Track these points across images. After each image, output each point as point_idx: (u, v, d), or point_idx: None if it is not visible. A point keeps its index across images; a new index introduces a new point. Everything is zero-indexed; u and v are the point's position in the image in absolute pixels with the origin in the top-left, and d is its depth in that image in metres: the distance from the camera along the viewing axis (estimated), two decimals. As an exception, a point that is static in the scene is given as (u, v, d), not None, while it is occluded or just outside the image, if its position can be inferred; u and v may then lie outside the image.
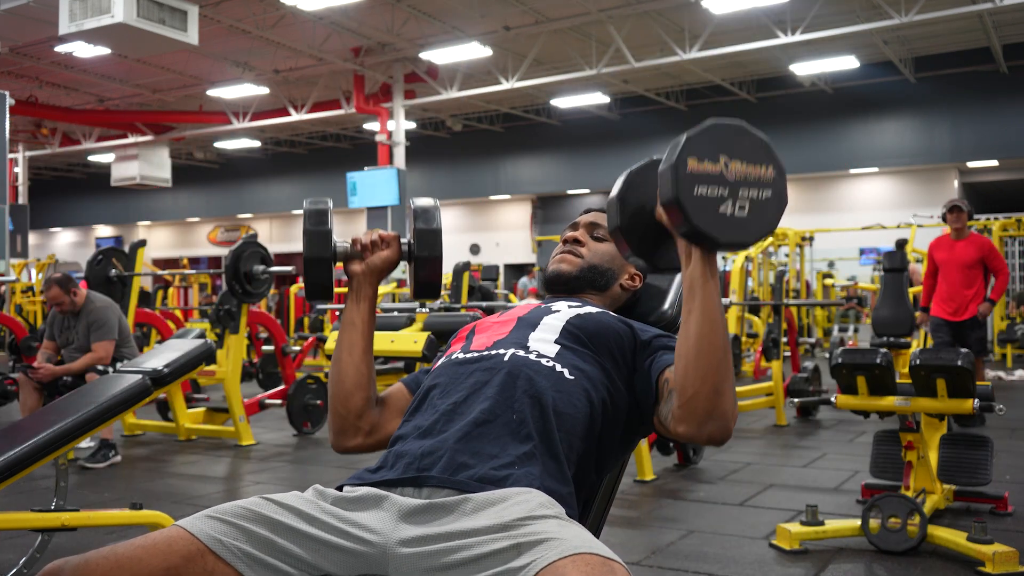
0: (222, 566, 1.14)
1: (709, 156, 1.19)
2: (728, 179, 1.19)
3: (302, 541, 1.18)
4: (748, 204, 1.19)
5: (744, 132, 1.22)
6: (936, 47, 14.54)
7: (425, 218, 1.49)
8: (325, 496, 1.25)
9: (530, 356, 1.39)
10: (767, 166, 1.21)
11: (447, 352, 1.53)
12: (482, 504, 1.17)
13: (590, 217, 1.71)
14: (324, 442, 5.80)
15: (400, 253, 1.53)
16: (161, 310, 11.15)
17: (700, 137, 1.20)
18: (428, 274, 1.49)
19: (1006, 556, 2.88)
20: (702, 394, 1.22)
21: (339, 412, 1.51)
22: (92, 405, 2.97)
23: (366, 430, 1.51)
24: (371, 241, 1.52)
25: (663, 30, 12.58)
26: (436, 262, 1.49)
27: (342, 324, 1.55)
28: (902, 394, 3.36)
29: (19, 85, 15.03)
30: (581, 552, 1.04)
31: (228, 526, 1.17)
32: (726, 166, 1.19)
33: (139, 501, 3.15)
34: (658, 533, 3.46)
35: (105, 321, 5.04)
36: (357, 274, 1.52)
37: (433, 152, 19.51)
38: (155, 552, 1.12)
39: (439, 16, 12.44)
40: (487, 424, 1.29)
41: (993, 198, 18.15)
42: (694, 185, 1.18)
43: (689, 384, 1.23)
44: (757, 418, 6.57)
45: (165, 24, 9.12)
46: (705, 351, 1.22)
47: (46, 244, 26.62)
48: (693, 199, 1.18)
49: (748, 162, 1.20)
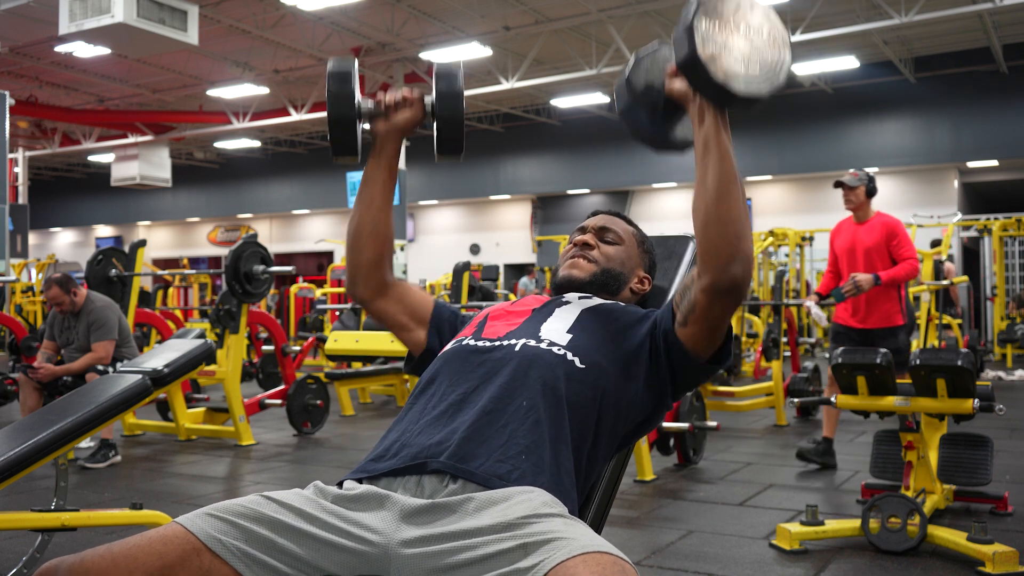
0: (219, 564, 1.14)
1: (721, 13, 1.26)
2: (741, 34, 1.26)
3: (302, 541, 1.17)
4: (760, 59, 1.26)
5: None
6: (936, 47, 14.55)
7: (447, 80, 1.52)
8: (326, 494, 1.25)
9: (541, 345, 1.39)
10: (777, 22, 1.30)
11: (459, 335, 1.53)
12: (484, 503, 1.17)
13: (600, 220, 1.70)
14: (324, 442, 5.80)
15: (424, 113, 1.56)
16: (161, 310, 11.15)
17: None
18: (451, 134, 1.53)
19: (1006, 556, 2.88)
20: (725, 239, 1.29)
21: (352, 260, 1.60)
22: (92, 405, 2.97)
23: (374, 286, 1.60)
24: (395, 101, 1.55)
25: (663, 30, 12.58)
26: (459, 123, 1.53)
27: (362, 182, 1.59)
28: (902, 394, 3.36)
29: (19, 85, 15.03)
30: (591, 551, 1.04)
31: (228, 525, 1.16)
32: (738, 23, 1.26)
33: (139, 501, 3.14)
34: (658, 533, 3.46)
35: (105, 321, 5.04)
36: (380, 132, 1.56)
37: (433, 152, 19.47)
38: (150, 550, 1.12)
39: (439, 16, 12.45)
40: (496, 413, 1.29)
41: (993, 198, 18.15)
42: (707, 42, 1.24)
43: (712, 232, 1.29)
44: (757, 418, 6.57)
45: (165, 24, 9.13)
46: (725, 197, 1.28)
47: (46, 244, 26.62)
48: (707, 55, 1.24)
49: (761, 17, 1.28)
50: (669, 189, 18.45)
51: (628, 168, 17.78)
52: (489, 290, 9.20)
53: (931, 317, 8.10)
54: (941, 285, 7.66)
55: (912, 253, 4.58)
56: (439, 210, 21.26)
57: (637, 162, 17.32)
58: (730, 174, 1.29)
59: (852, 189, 4.70)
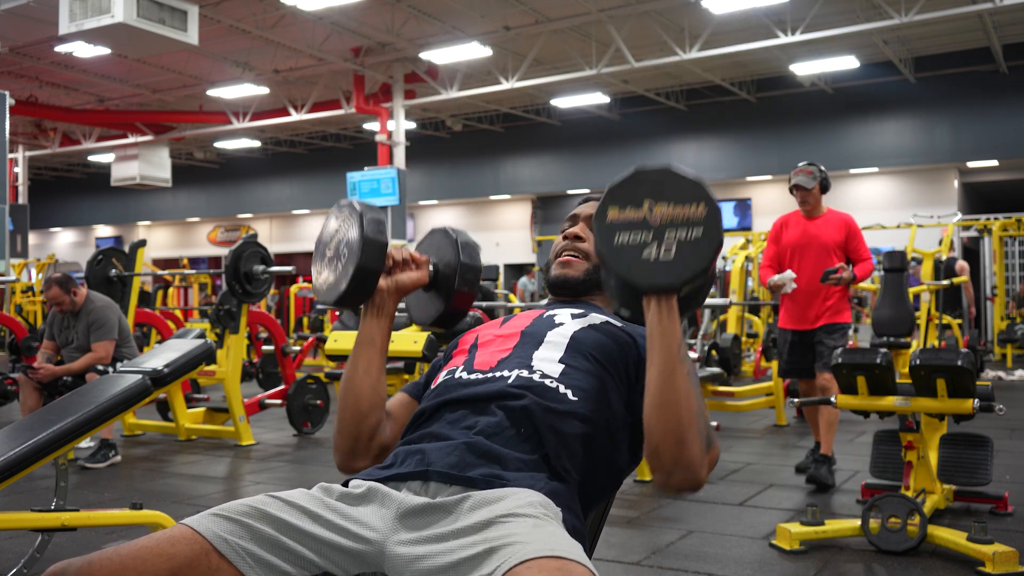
0: (226, 565, 1.14)
1: (632, 203, 1.19)
2: (652, 223, 1.18)
3: (306, 540, 1.17)
4: (676, 245, 1.17)
5: (671, 173, 1.20)
6: (936, 47, 14.54)
7: (470, 254, 1.49)
8: (331, 492, 1.25)
9: (534, 377, 1.36)
10: (697, 204, 1.18)
11: (448, 364, 1.50)
12: (479, 503, 1.17)
13: (590, 208, 1.64)
14: (324, 442, 5.80)
15: (429, 277, 1.50)
16: (161, 310, 11.15)
17: (623, 185, 1.21)
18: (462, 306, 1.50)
19: (1006, 556, 2.88)
20: (665, 445, 1.21)
21: (352, 433, 1.45)
22: (92, 405, 2.97)
23: (376, 452, 1.47)
24: (403, 259, 1.48)
25: (663, 30, 12.58)
26: (472, 297, 1.50)
27: (360, 341, 1.48)
28: (902, 394, 3.36)
29: (19, 85, 15.03)
30: (539, 556, 1.02)
31: (233, 524, 1.16)
32: (650, 210, 1.18)
33: (139, 501, 3.14)
34: (658, 533, 3.46)
35: (105, 321, 5.04)
36: (382, 289, 1.46)
37: (433, 152, 19.51)
38: (159, 552, 1.11)
39: (439, 16, 12.44)
40: (495, 436, 1.29)
41: (993, 198, 18.15)
42: (615, 234, 1.19)
43: (654, 436, 1.22)
44: (757, 418, 6.57)
45: (165, 24, 9.13)
46: (666, 403, 1.20)
47: (46, 244, 26.61)
48: (613, 248, 1.19)
49: (676, 203, 1.18)
50: (669, 189, 18.44)
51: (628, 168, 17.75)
52: (489, 290, 9.19)
53: (931, 317, 8.10)
54: (941, 285, 7.66)
55: (869, 254, 4.43)
56: (439, 210, 21.25)
57: (637, 162, 16.90)
58: (672, 375, 1.20)
59: (809, 191, 4.43)
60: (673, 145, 17.88)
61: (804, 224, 4.48)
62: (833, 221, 4.44)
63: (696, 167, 17.89)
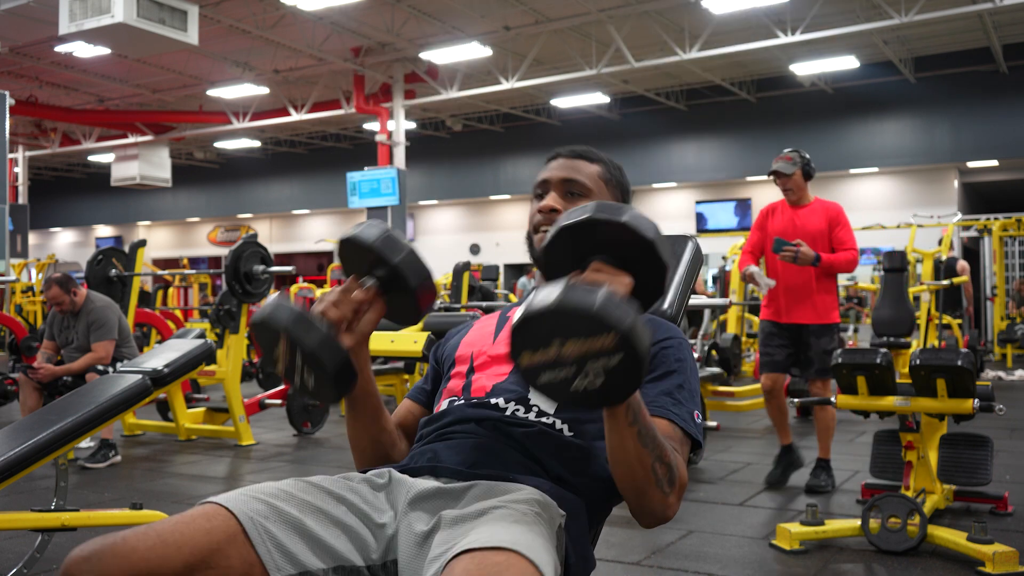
0: (249, 548, 1.12)
1: (542, 345, 1.09)
2: (568, 360, 1.08)
3: (326, 527, 1.19)
4: (601, 373, 1.08)
5: (565, 312, 1.06)
6: (936, 47, 14.55)
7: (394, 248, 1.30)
8: (352, 478, 1.30)
9: (530, 416, 1.37)
10: (605, 334, 1.05)
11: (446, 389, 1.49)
12: (485, 491, 1.21)
13: (561, 171, 1.49)
14: (324, 442, 5.80)
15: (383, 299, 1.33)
16: (161, 310, 11.15)
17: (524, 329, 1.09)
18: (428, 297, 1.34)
19: (1006, 556, 2.88)
20: (627, 496, 1.25)
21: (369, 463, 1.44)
22: (92, 405, 2.97)
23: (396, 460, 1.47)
24: (352, 310, 1.30)
25: (663, 30, 12.58)
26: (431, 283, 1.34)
27: (356, 408, 1.40)
28: (902, 394, 3.36)
29: (19, 85, 15.03)
30: (484, 547, 1.01)
31: (259, 503, 1.16)
32: (561, 348, 1.08)
33: (139, 501, 3.14)
34: (658, 533, 3.46)
35: (105, 321, 5.04)
36: (351, 347, 1.31)
37: (433, 152, 19.51)
38: (196, 527, 1.10)
39: (439, 16, 12.44)
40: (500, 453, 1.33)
41: (993, 198, 18.16)
42: (537, 375, 1.11)
43: (617, 486, 1.25)
44: (757, 418, 6.57)
45: (165, 24, 9.13)
46: (621, 463, 1.20)
47: (46, 244, 26.61)
48: (543, 387, 1.11)
49: (583, 337, 1.06)
50: (669, 189, 18.46)
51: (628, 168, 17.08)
52: (489, 290, 9.20)
53: (931, 317, 8.09)
54: (941, 285, 7.66)
55: (853, 244, 4.24)
56: (439, 210, 21.26)
57: (637, 162, 17.31)
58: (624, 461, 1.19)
59: (789, 177, 4.27)
60: (673, 145, 17.88)
61: (791, 213, 4.35)
62: (819, 210, 4.30)
63: (696, 167, 17.93)
